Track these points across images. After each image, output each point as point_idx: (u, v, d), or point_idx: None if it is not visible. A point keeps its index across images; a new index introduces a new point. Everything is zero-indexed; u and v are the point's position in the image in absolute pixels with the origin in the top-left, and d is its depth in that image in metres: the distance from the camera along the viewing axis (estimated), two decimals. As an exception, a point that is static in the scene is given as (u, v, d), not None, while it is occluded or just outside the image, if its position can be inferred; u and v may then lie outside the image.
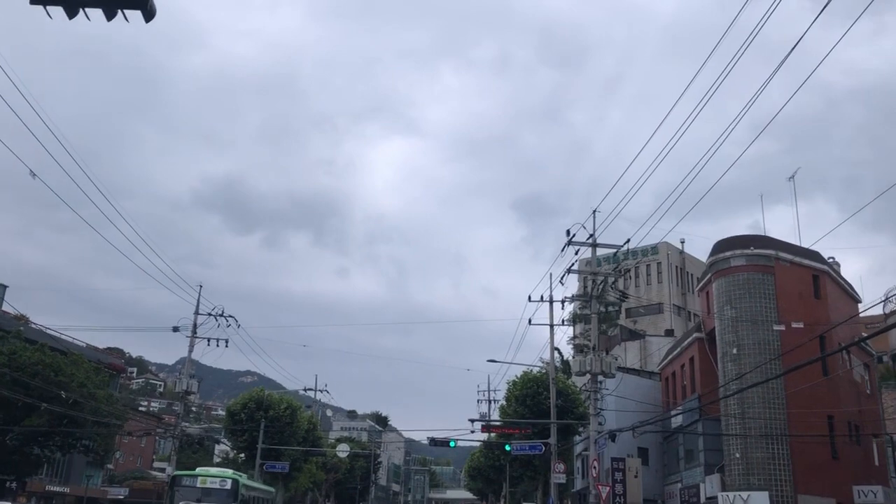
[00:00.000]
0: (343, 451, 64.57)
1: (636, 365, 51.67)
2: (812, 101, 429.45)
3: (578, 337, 59.18)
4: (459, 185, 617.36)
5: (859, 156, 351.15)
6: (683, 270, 70.04)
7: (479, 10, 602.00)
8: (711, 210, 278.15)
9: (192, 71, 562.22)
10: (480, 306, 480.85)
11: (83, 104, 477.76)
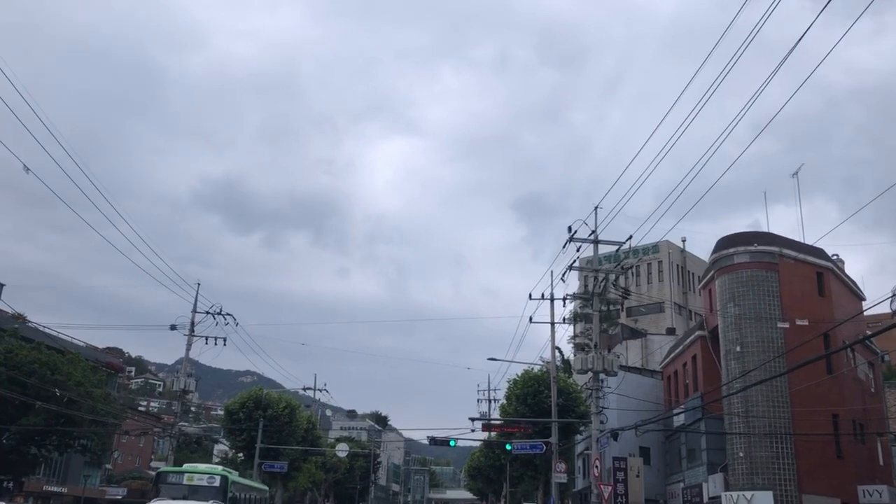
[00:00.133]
0: (342, 450, 64.32)
1: (637, 364, 51.39)
2: (812, 101, 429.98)
3: (579, 336, 58.90)
4: (459, 185, 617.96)
5: (859, 156, 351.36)
6: (684, 269, 69.81)
7: (478, 10, 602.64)
8: (711, 210, 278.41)
9: (191, 71, 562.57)
10: (480, 306, 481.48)
11: (83, 104, 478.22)
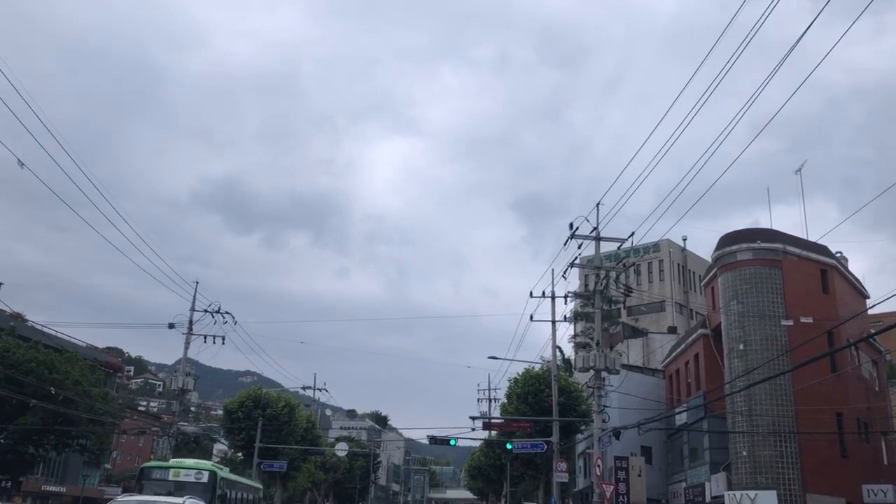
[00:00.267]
0: (342, 450, 64.07)
1: (638, 363, 51.14)
2: (812, 101, 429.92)
3: (580, 335, 58.64)
4: (459, 185, 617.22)
5: (859, 155, 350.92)
6: (685, 268, 69.57)
7: (478, 10, 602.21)
8: (711, 209, 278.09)
9: (191, 70, 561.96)
10: (480, 306, 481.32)
11: (83, 104, 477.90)
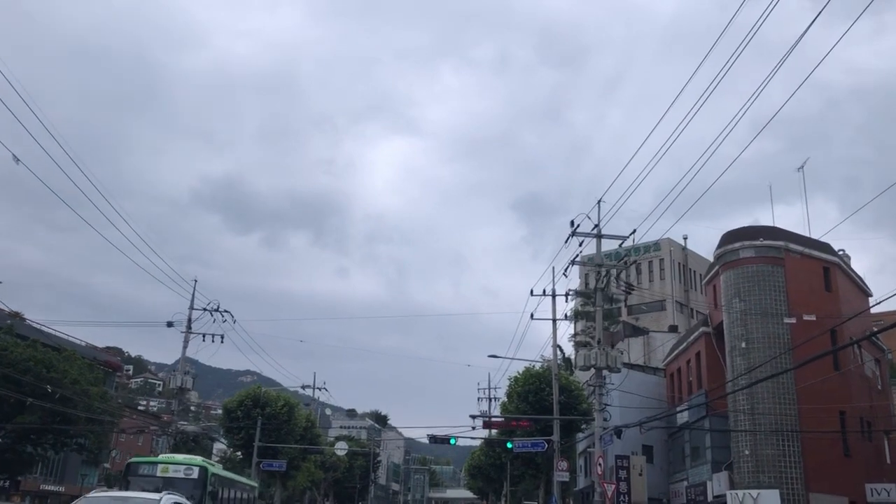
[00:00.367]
0: (341, 449, 63.83)
1: (639, 361, 50.94)
2: (812, 101, 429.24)
3: (580, 334, 58.49)
4: (459, 185, 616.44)
5: (859, 155, 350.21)
6: (686, 267, 69.42)
7: (478, 10, 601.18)
8: (712, 209, 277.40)
9: (191, 70, 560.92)
10: (480, 306, 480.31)
11: (82, 103, 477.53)
